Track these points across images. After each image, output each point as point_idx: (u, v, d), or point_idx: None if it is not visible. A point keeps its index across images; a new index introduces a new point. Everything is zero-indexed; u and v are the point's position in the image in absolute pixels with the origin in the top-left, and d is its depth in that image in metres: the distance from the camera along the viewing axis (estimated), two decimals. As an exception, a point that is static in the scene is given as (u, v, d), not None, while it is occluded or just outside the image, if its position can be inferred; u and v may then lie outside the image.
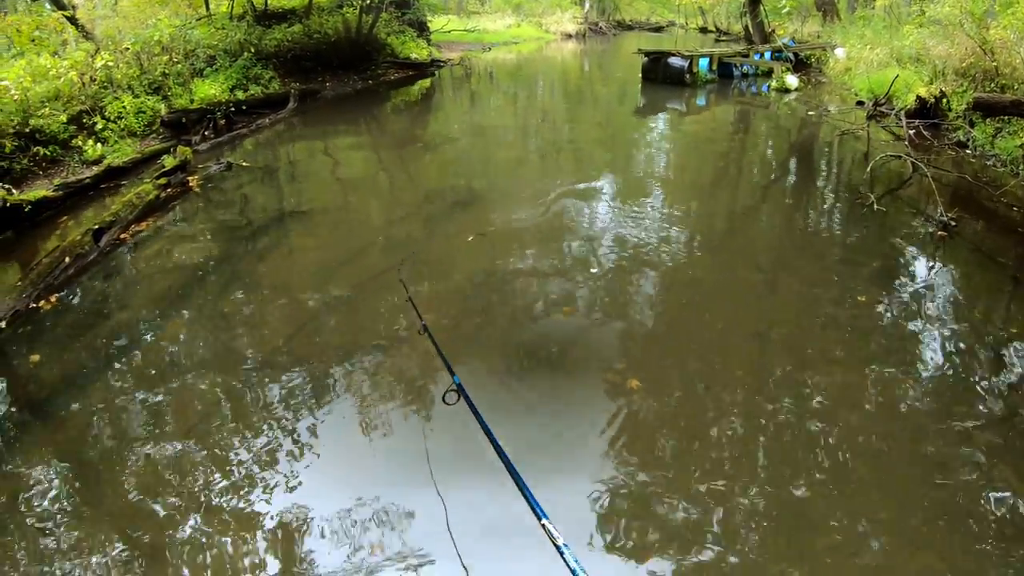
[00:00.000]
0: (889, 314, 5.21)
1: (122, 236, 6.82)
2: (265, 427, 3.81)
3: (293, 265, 6.24)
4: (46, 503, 3.31)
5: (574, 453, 3.59)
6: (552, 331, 4.87)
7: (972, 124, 10.98)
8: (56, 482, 3.46)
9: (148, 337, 4.93)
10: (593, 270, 5.91)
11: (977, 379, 4.34)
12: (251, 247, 6.66)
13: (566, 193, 8.13)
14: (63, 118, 9.49)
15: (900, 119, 11.47)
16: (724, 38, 36.44)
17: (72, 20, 12.74)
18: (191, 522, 3.14)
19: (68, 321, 5.23)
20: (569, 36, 38.08)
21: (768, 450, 3.63)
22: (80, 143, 9.43)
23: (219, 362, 4.56)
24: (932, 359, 4.61)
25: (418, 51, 20.54)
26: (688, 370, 4.43)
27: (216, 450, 3.63)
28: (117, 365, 4.57)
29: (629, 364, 4.43)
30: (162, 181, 8.11)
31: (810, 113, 14.21)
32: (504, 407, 3.97)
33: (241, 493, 3.31)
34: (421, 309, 4.64)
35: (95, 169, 8.81)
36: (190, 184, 8.50)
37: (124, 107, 10.47)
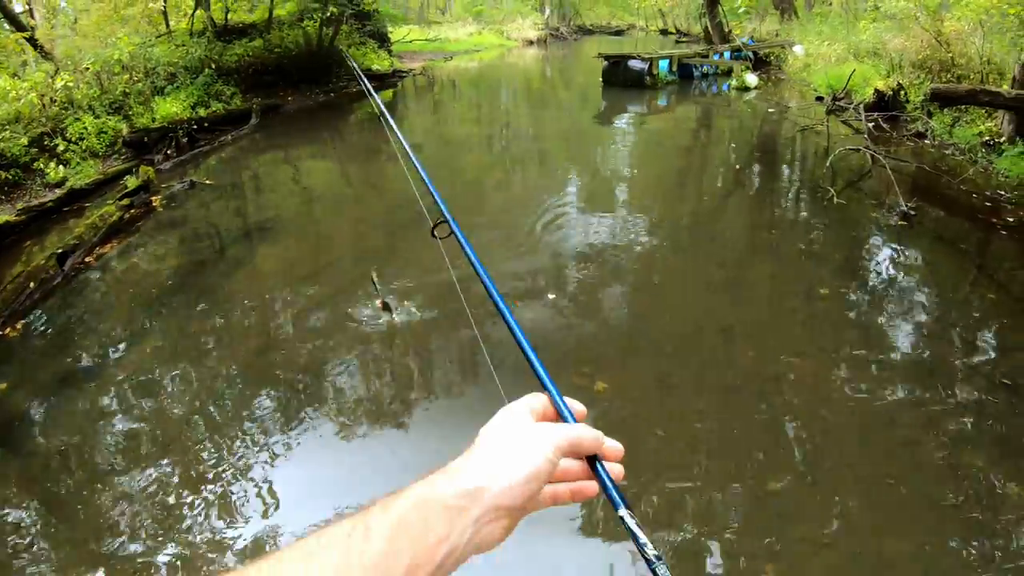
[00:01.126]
0: (853, 305, 5.40)
1: (87, 259, 6.85)
2: (239, 444, 3.86)
3: (260, 281, 6.29)
4: (14, 536, 3.34)
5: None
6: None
7: (930, 115, 11.33)
8: (24, 514, 3.50)
9: (117, 361, 4.96)
10: (559, 272, 6.05)
11: (944, 365, 4.51)
12: (217, 265, 6.71)
13: (531, 199, 8.29)
14: (24, 140, 9.47)
15: (859, 113, 11.80)
16: (684, 39, 36.87)
17: (31, 41, 12.67)
18: (167, 550, 3.18)
19: (35, 347, 5.25)
20: (531, 43, 38.32)
21: (739, 443, 3.75)
22: (42, 165, 9.41)
23: (189, 382, 4.61)
24: (898, 347, 4.78)
25: (379, 62, 20.60)
26: (655, 369, 4.55)
27: (190, 470, 3.67)
28: (86, 390, 4.59)
29: (596, 366, 4.54)
30: (125, 202, 8.12)
31: (770, 110, 14.53)
32: (474, 415, 3.96)
33: (216, 512, 3.36)
34: (385, 323, 4.83)
35: (58, 192, 8.81)
36: (153, 204, 8.52)
37: (85, 128, 10.45)
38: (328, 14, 17.33)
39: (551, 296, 5.62)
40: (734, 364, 4.59)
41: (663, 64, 18.61)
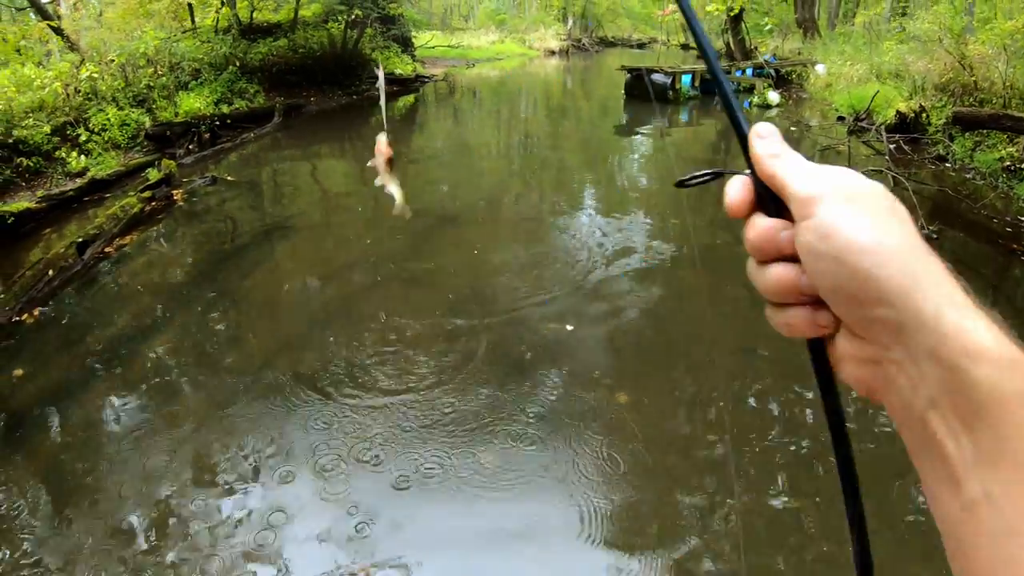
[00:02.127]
0: None
1: (106, 249, 6.81)
2: (250, 447, 3.79)
3: (278, 281, 6.24)
4: (23, 520, 3.30)
5: (560, 463, 3.61)
6: (539, 345, 4.89)
7: (951, 138, 11.22)
8: (33, 499, 3.45)
9: (132, 353, 4.91)
10: (580, 286, 5.97)
11: None
12: (236, 263, 6.67)
13: (549, 209, 8.22)
14: (47, 129, 9.47)
15: (880, 134, 11.68)
16: (706, 55, 36.87)
17: (57, 31, 12.72)
18: (174, 543, 3.13)
19: (51, 335, 5.21)
20: (552, 53, 38.39)
21: (758, 463, 3.69)
22: (64, 155, 9.41)
23: (203, 379, 4.56)
24: None
25: (403, 67, 20.63)
26: (676, 384, 4.49)
27: (200, 468, 3.62)
28: (101, 381, 4.56)
29: (617, 378, 4.48)
30: (146, 195, 8.11)
31: (791, 128, 14.44)
32: (493, 423, 3.96)
33: (224, 511, 3.31)
34: (405, 320, 4.75)
35: (79, 181, 8.80)
36: (175, 198, 8.50)
37: (108, 119, 10.46)
38: (353, 16, 17.36)
39: (568, 302, 5.59)
40: (756, 386, 4.51)
41: (686, 79, 18.58)
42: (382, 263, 6.48)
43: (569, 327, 5.12)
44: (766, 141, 0.58)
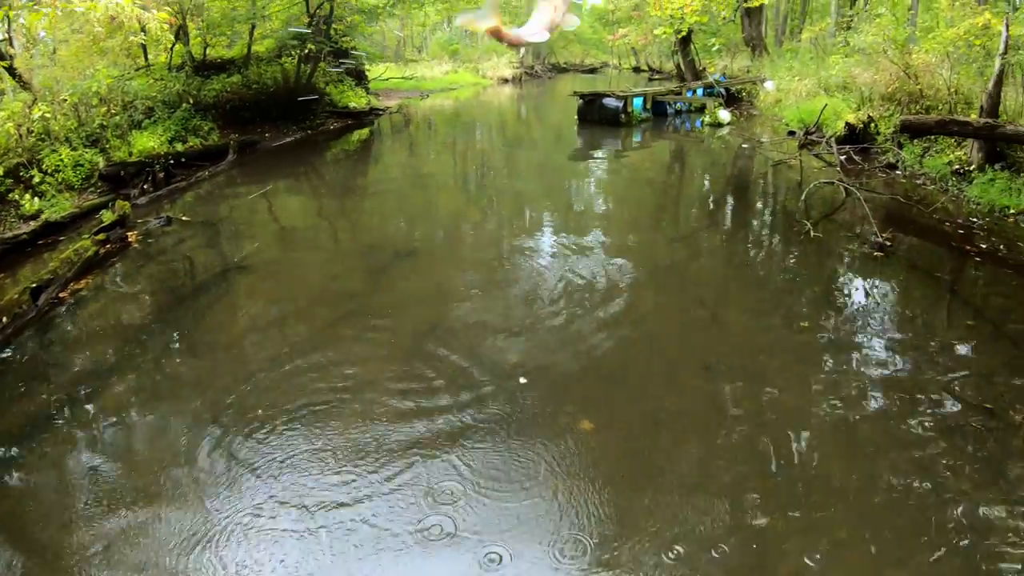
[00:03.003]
0: (833, 336, 5.56)
1: (61, 295, 6.81)
2: (214, 491, 3.83)
3: (237, 321, 6.28)
4: None
5: (530, 494, 3.69)
6: (500, 376, 4.99)
7: (900, 146, 11.68)
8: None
9: (90, 401, 4.94)
10: (539, 313, 6.11)
11: (925, 392, 4.65)
12: (194, 304, 6.70)
13: (508, 237, 8.37)
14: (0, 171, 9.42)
15: (831, 146, 12.12)
16: (657, 76, 37.49)
17: (10, 70, 12.62)
18: None
19: (6, 383, 5.20)
20: (506, 81, 38.71)
21: (725, 479, 3.81)
22: (17, 197, 9.34)
23: (164, 426, 4.57)
24: (879, 377, 4.93)
25: (356, 100, 20.70)
26: (639, 407, 4.61)
27: (163, 519, 3.64)
28: (58, 431, 4.57)
29: (580, 405, 4.59)
30: (101, 237, 8.10)
31: (744, 146, 14.84)
32: (455, 460, 4.02)
33: (191, 562, 3.34)
34: (367, 357, 4.84)
35: (32, 224, 8.75)
36: (130, 240, 8.51)
37: (62, 160, 10.41)
38: (306, 51, 17.43)
39: (529, 335, 5.70)
40: (718, 400, 4.69)
41: (637, 102, 18.94)
42: (341, 301, 6.58)
43: (528, 356, 5.19)
44: None
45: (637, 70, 48.38)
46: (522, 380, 4.72)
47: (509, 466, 3.97)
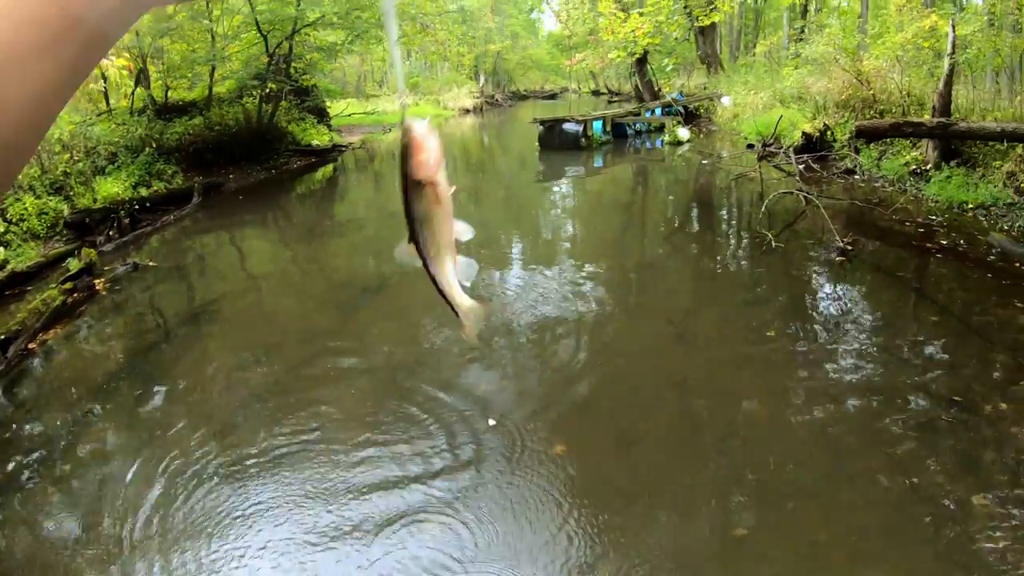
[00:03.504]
0: (800, 343, 5.64)
1: (30, 346, 6.72)
2: (191, 541, 3.78)
3: (209, 365, 6.21)
4: None
5: (504, 519, 3.69)
6: (473, 406, 4.98)
7: (857, 151, 11.97)
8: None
9: (64, 452, 4.86)
10: (510, 339, 6.13)
11: (896, 390, 4.74)
12: (164, 351, 6.62)
13: (477, 264, 8.36)
14: (-36, 222, 9.32)
15: (789, 156, 12.33)
16: (616, 99, 38.07)
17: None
18: None
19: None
20: (467, 111, 39.05)
21: (702, 494, 3.83)
22: (-18, 248, 9.25)
23: (139, 476, 4.50)
24: (849, 378, 5.00)
25: (319, 137, 20.75)
26: (612, 429, 4.62)
27: (143, 570, 3.60)
28: (31, 485, 4.50)
29: (553, 430, 4.59)
30: (68, 286, 8.02)
31: (704, 162, 15.08)
32: (430, 490, 4.01)
33: None
34: (339, 396, 4.83)
35: (-2, 275, 8.67)
36: (97, 287, 8.42)
37: (26, 208, 10.31)
38: (267, 91, 17.48)
39: (499, 363, 5.71)
40: (690, 416, 4.73)
41: (597, 125, 19.20)
42: (311, 340, 6.54)
43: (499, 384, 5.24)
44: None
45: (596, 93, 49.11)
46: (491, 422, 4.67)
47: (483, 493, 3.98)
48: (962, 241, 7.80)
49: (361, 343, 6.32)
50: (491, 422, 4.76)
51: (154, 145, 14.39)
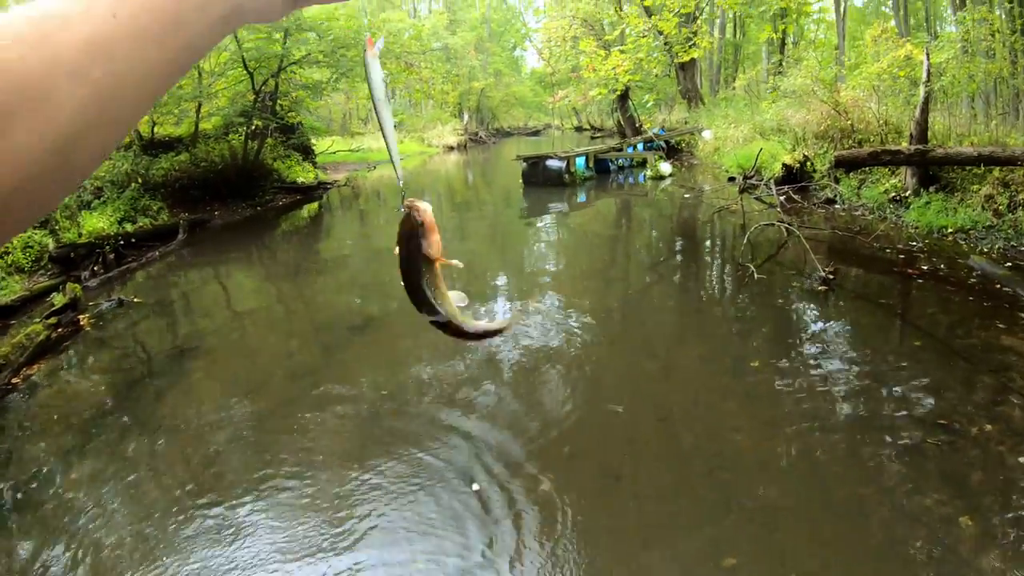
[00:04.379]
0: (784, 373, 5.64)
1: (13, 380, 6.67)
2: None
3: (194, 403, 6.15)
4: None
5: (491, 555, 3.67)
6: (459, 441, 4.97)
7: (837, 180, 12.13)
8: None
9: (45, 487, 4.82)
10: (494, 375, 6.11)
11: (881, 416, 4.77)
12: (148, 388, 6.57)
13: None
14: (-53, 253, 9.28)
15: (770, 188, 12.40)
16: (599, 134, 38.53)
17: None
18: None
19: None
20: (451, 148, 39.35)
21: (690, 528, 3.82)
22: (-35, 281, 9.20)
23: (125, 511, 4.47)
24: (833, 406, 5.02)
25: (304, 175, 20.85)
26: (598, 464, 4.60)
27: None
28: (12, 519, 4.45)
29: (538, 466, 4.56)
30: (52, 321, 7.98)
31: (686, 195, 15.21)
32: (417, 527, 4.00)
33: None
34: (324, 435, 4.80)
35: (-19, 309, 8.62)
36: (81, 323, 8.38)
37: (11, 241, 10.25)
38: (253, 128, 17.57)
39: (483, 400, 5.68)
40: (676, 448, 4.72)
41: (580, 161, 19.37)
42: (295, 378, 6.49)
43: (484, 422, 5.24)
44: None
45: (579, 129, 49.67)
46: (475, 487, 4.62)
47: (470, 531, 3.96)
48: (943, 265, 7.91)
49: (346, 383, 6.25)
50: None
51: (140, 180, 14.43)
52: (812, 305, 7.25)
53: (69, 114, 0.47)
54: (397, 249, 0.90)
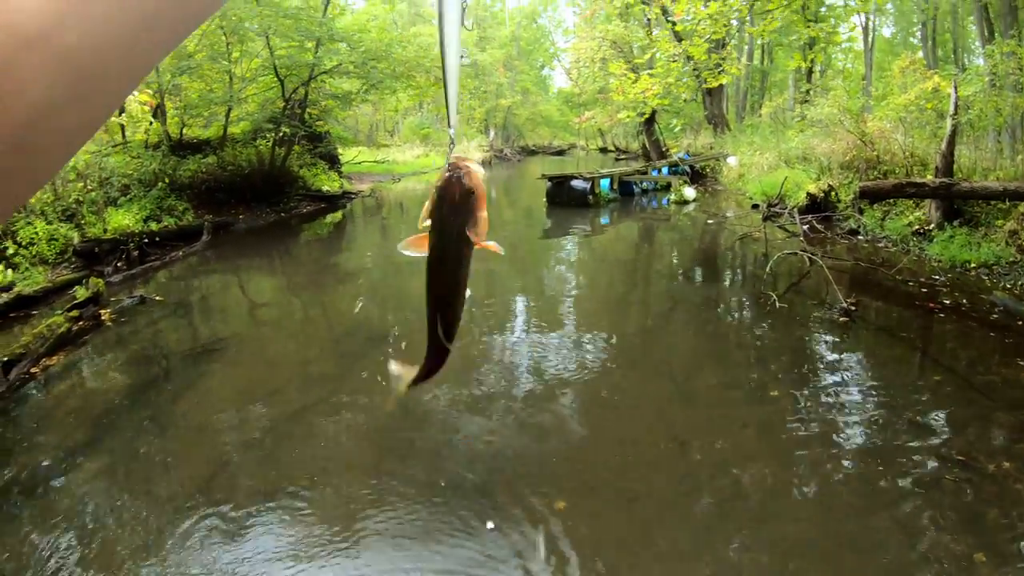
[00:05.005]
0: (803, 404, 5.57)
1: (32, 370, 6.73)
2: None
3: (209, 404, 6.16)
4: None
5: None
6: (475, 461, 4.94)
7: (861, 211, 12.03)
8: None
9: (58, 480, 4.83)
10: (512, 396, 6.06)
11: (899, 451, 4.69)
12: (165, 385, 6.60)
13: (481, 319, 8.38)
14: (-27, 239, 9.42)
15: (793, 216, 12.36)
16: (624, 157, 38.54)
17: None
18: None
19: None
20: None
21: (703, 552, 3.77)
22: (-10, 267, 9.33)
23: (134, 507, 4.47)
24: (852, 440, 4.95)
25: (330, 183, 20.98)
26: (613, 486, 4.56)
27: None
28: (22, 510, 4.46)
29: (554, 486, 4.53)
30: (74, 313, 8.03)
31: (709, 221, 15.16)
32: (430, 542, 3.98)
33: None
34: (338, 445, 4.79)
35: (5, 296, 8.70)
36: (103, 318, 8.45)
37: (36, 233, 10.42)
38: (281, 134, 17.73)
39: (501, 418, 5.65)
40: (691, 476, 4.66)
41: (604, 183, 19.36)
42: (313, 386, 6.48)
43: (501, 440, 5.23)
44: None
45: (604, 151, 49.71)
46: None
47: (484, 549, 3.94)
48: (965, 300, 7.84)
49: (362, 393, 6.21)
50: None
51: (167, 180, 14.59)
52: (832, 336, 7.19)
53: (32, 94, 0.39)
54: (428, 221, 0.68)
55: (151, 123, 15.81)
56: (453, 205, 0.64)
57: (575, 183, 18.78)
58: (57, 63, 0.39)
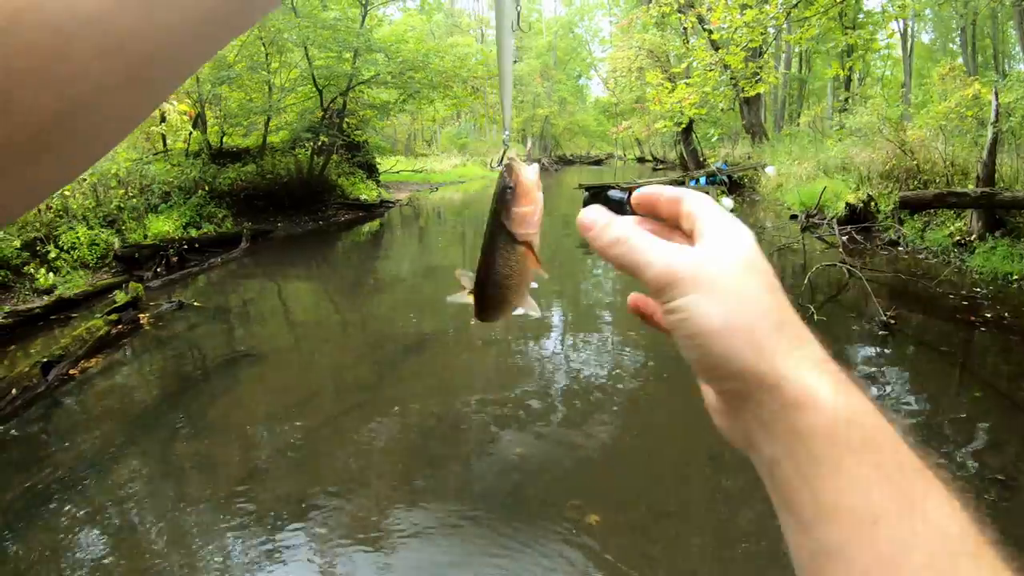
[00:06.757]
0: None
1: (71, 371, 6.84)
2: None
3: (245, 409, 6.23)
4: None
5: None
6: (507, 470, 4.92)
7: (901, 222, 11.77)
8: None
9: (93, 481, 4.88)
10: (547, 405, 6.03)
11: (938, 467, 4.59)
12: (202, 390, 6.68)
13: (516, 328, 8.36)
14: (16, 243, 9.65)
15: (832, 227, 12.13)
16: (661, 166, 38.29)
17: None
18: None
19: (11, 456, 5.21)
20: (513, 174, 39.43)
21: (737, 569, 3.74)
22: (32, 270, 9.55)
23: (168, 509, 4.50)
24: None
25: (367, 192, 21.13)
26: (646, 500, 4.52)
27: None
28: (61, 507, 4.52)
29: (586, 499, 4.47)
30: (113, 317, 8.16)
31: (747, 232, 14.97)
32: (461, 553, 3.98)
33: None
34: (370, 454, 4.79)
35: (46, 299, 8.92)
36: (141, 322, 8.57)
37: (78, 238, 10.64)
38: (320, 143, 17.90)
39: (534, 428, 5.62)
40: (724, 491, 4.60)
41: (640, 193, 19.19)
42: (348, 393, 6.52)
43: (534, 450, 5.20)
44: (598, 231, 0.64)
45: (641, 160, 49.51)
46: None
47: (516, 562, 3.90)
48: (1007, 313, 7.63)
49: (396, 403, 6.18)
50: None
51: (207, 188, 14.83)
52: (871, 349, 7.04)
53: (89, 77, 0.38)
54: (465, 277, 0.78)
55: (191, 132, 16.07)
56: (497, 198, 0.72)
57: (612, 193, 18.39)
58: (116, 45, 0.39)
